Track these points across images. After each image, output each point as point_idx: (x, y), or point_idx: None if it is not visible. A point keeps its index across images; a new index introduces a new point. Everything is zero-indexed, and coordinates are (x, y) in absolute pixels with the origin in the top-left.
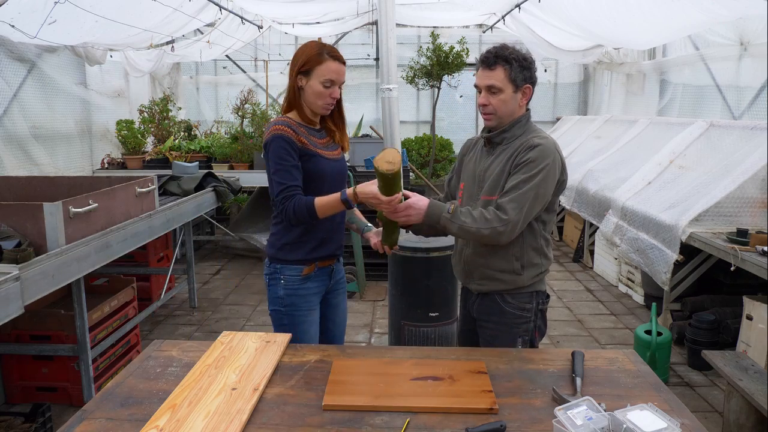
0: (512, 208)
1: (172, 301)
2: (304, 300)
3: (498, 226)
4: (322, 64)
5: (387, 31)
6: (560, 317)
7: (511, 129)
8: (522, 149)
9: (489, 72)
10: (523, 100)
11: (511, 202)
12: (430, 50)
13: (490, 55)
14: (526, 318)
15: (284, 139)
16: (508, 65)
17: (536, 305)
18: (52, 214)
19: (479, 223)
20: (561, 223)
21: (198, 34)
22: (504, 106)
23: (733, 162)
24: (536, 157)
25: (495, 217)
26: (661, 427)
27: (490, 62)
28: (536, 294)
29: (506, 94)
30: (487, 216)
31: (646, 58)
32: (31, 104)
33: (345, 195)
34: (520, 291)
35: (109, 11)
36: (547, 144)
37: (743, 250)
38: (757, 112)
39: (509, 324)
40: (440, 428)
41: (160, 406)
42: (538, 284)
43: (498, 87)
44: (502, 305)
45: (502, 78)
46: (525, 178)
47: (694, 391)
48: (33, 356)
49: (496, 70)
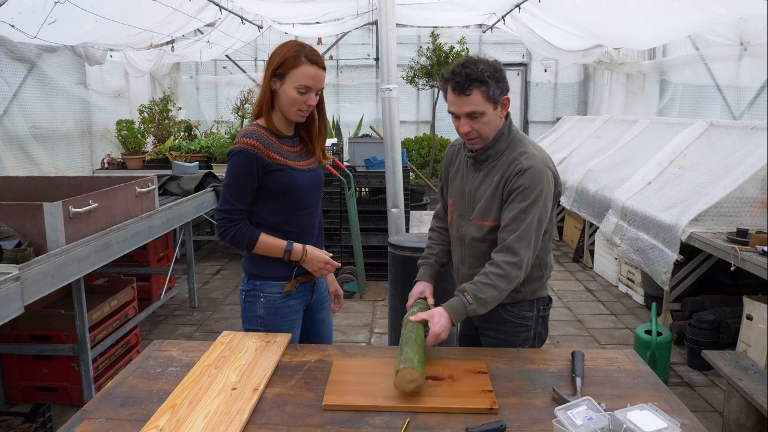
0: (521, 246)
1: (172, 301)
2: (285, 320)
3: (515, 273)
4: (297, 67)
5: (387, 31)
6: (560, 317)
7: (495, 144)
8: (512, 174)
9: (465, 98)
10: (503, 111)
11: (518, 240)
12: (430, 50)
13: (461, 78)
14: (527, 326)
15: (249, 155)
16: (484, 86)
17: (537, 312)
18: (52, 214)
19: (500, 284)
20: (561, 223)
21: (198, 34)
22: (488, 127)
23: (733, 162)
24: (529, 183)
25: (508, 267)
26: (661, 427)
27: (463, 86)
28: (537, 301)
29: (488, 116)
30: (500, 272)
31: (646, 58)
32: (31, 104)
33: (291, 247)
34: (521, 301)
35: (109, 11)
36: (536, 165)
37: (743, 250)
38: (757, 112)
39: (509, 332)
40: (440, 428)
41: (160, 406)
42: (539, 291)
43: (479, 111)
44: (502, 314)
45: (480, 101)
46: (524, 208)
47: (694, 391)
48: (33, 356)
49: (472, 94)
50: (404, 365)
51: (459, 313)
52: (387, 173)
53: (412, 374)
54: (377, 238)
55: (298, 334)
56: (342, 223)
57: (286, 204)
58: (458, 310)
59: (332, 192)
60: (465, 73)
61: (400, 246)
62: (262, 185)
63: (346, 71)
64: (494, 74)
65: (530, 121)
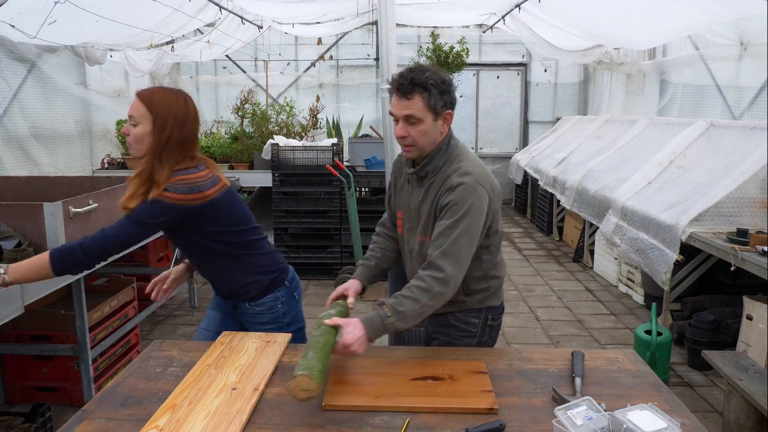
0: (445, 262)
1: (172, 301)
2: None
3: (439, 288)
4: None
5: (387, 31)
6: (560, 317)
7: (433, 161)
8: (443, 190)
9: (406, 101)
10: (444, 126)
11: (443, 256)
12: (430, 50)
13: (405, 81)
14: (470, 332)
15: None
16: (426, 92)
17: (484, 320)
18: (52, 214)
19: (421, 298)
20: (561, 223)
21: (198, 34)
22: (424, 137)
23: (733, 162)
24: (458, 199)
25: (432, 282)
26: (661, 427)
27: (406, 90)
28: (486, 310)
29: (426, 124)
30: (423, 286)
31: (646, 58)
32: (31, 104)
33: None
34: (467, 309)
35: (109, 11)
36: (467, 181)
37: (743, 250)
38: (757, 112)
39: (451, 335)
40: (440, 428)
41: (160, 406)
42: (488, 300)
43: (417, 117)
44: (449, 318)
45: (420, 107)
46: (450, 224)
47: (694, 391)
48: (33, 356)
49: (413, 98)
50: (302, 372)
51: (375, 326)
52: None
53: (309, 384)
54: None
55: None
56: (342, 223)
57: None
58: (374, 323)
59: (332, 192)
60: (410, 77)
61: None
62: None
63: (346, 71)
64: (439, 84)
65: (530, 121)
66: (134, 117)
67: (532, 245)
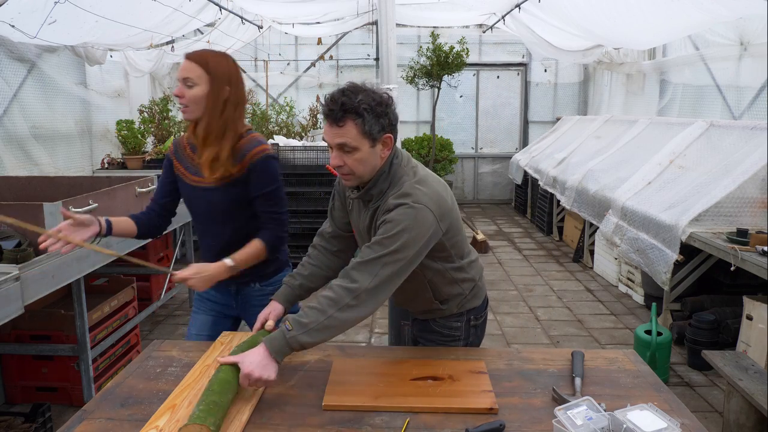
0: (360, 274)
1: (172, 301)
2: (199, 300)
3: (348, 300)
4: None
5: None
6: (560, 317)
7: (376, 184)
8: (380, 212)
9: (337, 129)
10: (385, 150)
11: (359, 267)
12: (430, 50)
13: (336, 107)
14: (455, 336)
15: (166, 156)
16: (359, 118)
17: (466, 322)
18: (52, 214)
19: (329, 310)
20: (561, 223)
21: (198, 34)
22: (362, 165)
23: (733, 162)
24: (392, 218)
25: (342, 292)
26: (661, 427)
27: (337, 116)
28: (467, 312)
29: (362, 152)
30: (331, 296)
31: (646, 58)
32: (31, 104)
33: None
34: (448, 316)
35: (109, 11)
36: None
37: (743, 250)
38: (757, 112)
39: (436, 341)
40: (440, 428)
41: (160, 406)
42: (467, 304)
43: (351, 146)
44: (431, 325)
45: (354, 134)
46: (379, 240)
47: (694, 391)
48: (33, 356)
49: (345, 125)
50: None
51: (277, 345)
52: None
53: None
54: None
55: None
56: None
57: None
58: (275, 341)
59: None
60: (341, 101)
61: None
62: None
63: (346, 71)
64: (374, 108)
65: (530, 121)
66: (191, 78)
67: (532, 245)
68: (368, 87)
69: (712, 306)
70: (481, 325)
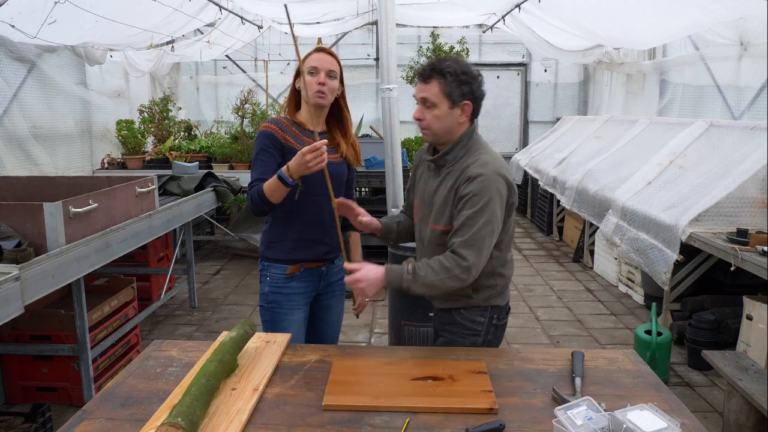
0: (467, 251)
1: (172, 301)
2: (287, 298)
3: (459, 273)
4: (308, 59)
5: (387, 31)
6: (560, 317)
7: (453, 150)
8: (462, 180)
9: (423, 85)
10: (463, 117)
11: (464, 245)
12: (430, 50)
13: (426, 68)
14: (476, 331)
15: (266, 135)
16: (443, 79)
17: (489, 319)
18: (52, 214)
19: (441, 274)
20: (561, 223)
21: (198, 34)
22: (438, 122)
23: (733, 162)
24: (478, 190)
25: (455, 264)
26: (661, 427)
27: (425, 75)
28: (491, 309)
29: (441, 110)
30: (446, 264)
31: (646, 58)
32: (31, 104)
33: (281, 172)
34: (473, 306)
35: (109, 11)
36: (486, 173)
37: (743, 250)
38: (757, 112)
39: (457, 333)
40: (440, 428)
41: (160, 406)
42: (494, 299)
43: (432, 101)
44: (454, 315)
45: (436, 92)
46: (471, 215)
47: (694, 391)
48: (33, 356)
49: (430, 83)
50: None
51: (393, 277)
52: (387, 173)
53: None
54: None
55: (301, 317)
56: None
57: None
58: (394, 275)
59: None
60: (432, 63)
61: (400, 246)
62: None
63: (346, 71)
64: (459, 74)
65: (530, 121)
66: (334, 71)
67: (532, 245)
68: (461, 60)
69: (712, 306)
70: (501, 327)
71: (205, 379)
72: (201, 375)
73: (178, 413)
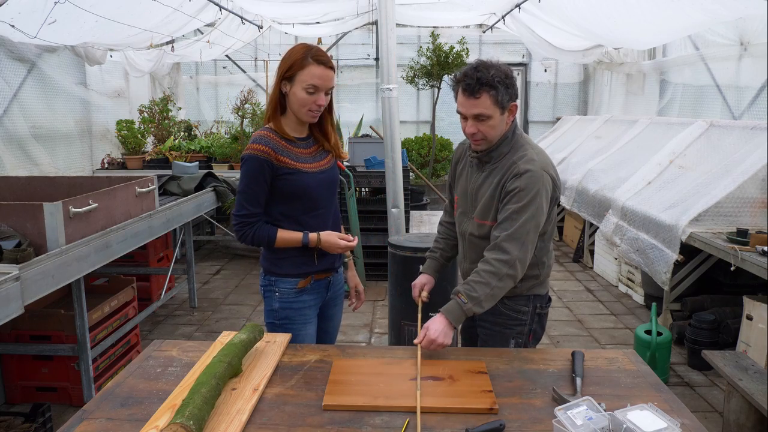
0: (511, 245)
1: (172, 301)
2: (299, 313)
3: (506, 270)
4: (305, 68)
5: (387, 31)
6: (560, 317)
7: (499, 147)
8: (510, 175)
9: (474, 100)
10: (510, 117)
11: (508, 239)
12: (430, 50)
13: (472, 82)
14: (521, 321)
15: (259, 160)
16: (493, 90)
17: (533, 308)
18: (52, 214)
19: (491, 281)
20: (561, 223)
21: (198, 34)
22: (494, 131)
23: (733, 162)
24: (524, 186)
25: (498, 265)
26: (661, 427)
27: (473, 89)
28: (534, 298)
29: (495, 120)
30: (490, 270)
31: (646, 58)
32: (31, 104)
33: (306, 239)
34: (517, 295)
35: (109, 11)
36: (533, 169)
37: (743, 250)
38: (757, 112)
39: (503, 325)
40: (440, 428)
41: (160, 406)
42: (536, 288)
43: (486, 114)
44: (498, 306)
45: (489, 105)
46: (517, 209)
47: (694, 391)
48: (33, 356)
49: (481, 97)
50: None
51: (456, 314)
52: (387, 173)
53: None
54: (377, 238)
55: (314, 330)
56: (342, 223)
57: (297, 206)
58: (455, 312)
59: None
60: (477, 76)
61: (400, 246)
62: (274, 188)
63: (346, 71)
64: (504, 80)
65: (530, 121)
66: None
67: None
68: (494, 62)
69: (712, 306)
70: (544, 315)
71: (215, 381)
72: (211, 376)
73: (191, 415)
